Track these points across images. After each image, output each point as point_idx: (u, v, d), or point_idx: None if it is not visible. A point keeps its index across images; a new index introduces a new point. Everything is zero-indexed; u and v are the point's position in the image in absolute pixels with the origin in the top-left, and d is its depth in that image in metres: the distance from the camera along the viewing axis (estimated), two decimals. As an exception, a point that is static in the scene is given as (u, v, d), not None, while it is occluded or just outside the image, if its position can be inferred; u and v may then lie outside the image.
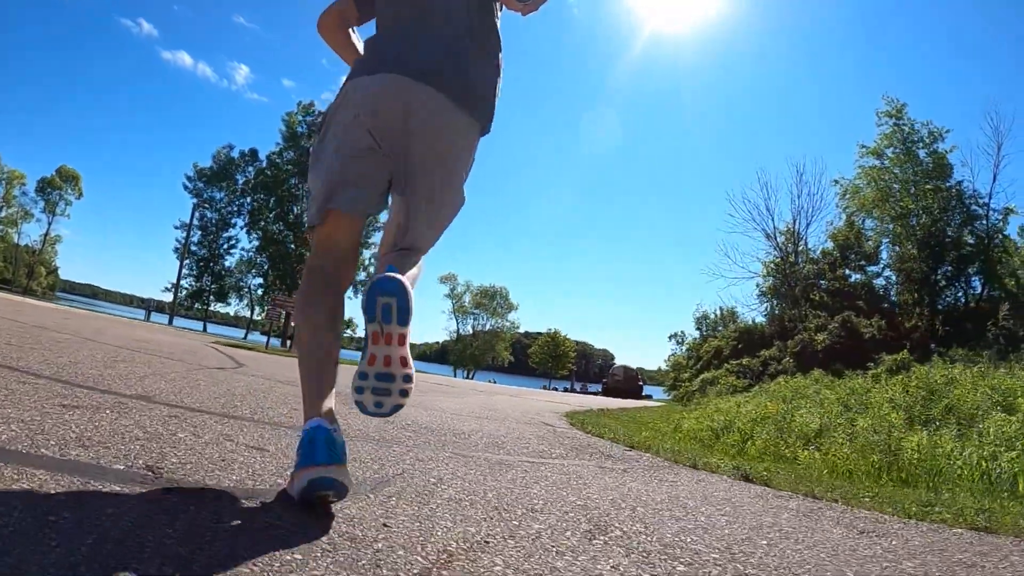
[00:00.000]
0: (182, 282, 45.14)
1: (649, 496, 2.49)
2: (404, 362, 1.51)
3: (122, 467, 1.51)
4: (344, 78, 1.84)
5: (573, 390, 52.29)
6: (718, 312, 32.36)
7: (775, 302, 26.28)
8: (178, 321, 39.30)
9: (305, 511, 1.41)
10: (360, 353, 1.57)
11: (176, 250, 45.79)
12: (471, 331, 71.02)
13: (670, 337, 64.35)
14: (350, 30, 2.02)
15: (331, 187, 1.70)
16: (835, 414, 7.22)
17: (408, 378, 1.52)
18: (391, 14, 1.85)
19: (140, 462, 1.58)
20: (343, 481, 1.45)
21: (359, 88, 1.73)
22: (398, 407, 1.55)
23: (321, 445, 1.43)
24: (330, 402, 1.58)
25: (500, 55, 1.91)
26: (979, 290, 22.03)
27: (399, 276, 1.51)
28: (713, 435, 7.60)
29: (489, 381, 38.32)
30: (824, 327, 19.17)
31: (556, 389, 48.54)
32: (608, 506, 2.13)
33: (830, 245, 25.85)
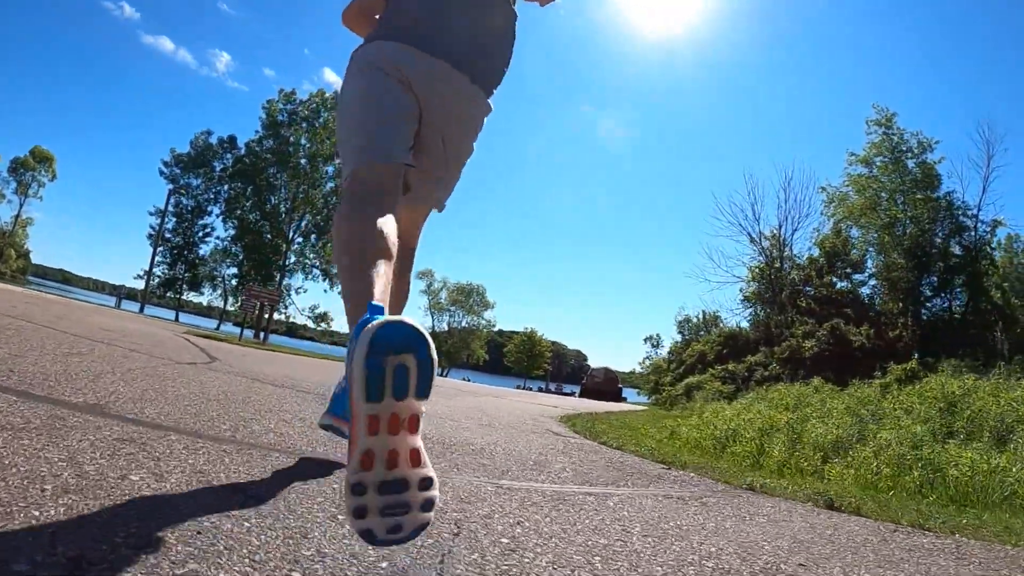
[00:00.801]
0: (155, 270, 44.01)
1: (774, 543, 2.03)
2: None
3: (24, 567, 0.89)
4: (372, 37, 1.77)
5: (548, 390, 51.92)
6: (700, 316, 32.11)
7: (760, 307, 26.10)
8: (150, 310, 38.18)
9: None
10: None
11: (150, 237, 44.53)
12: (447, 328, 70.34)
13: (645, 340, 64.34)
14: (376, 17, 1.93)
15: (381, 134, 1.62)
16: (849, 425, 6.82)
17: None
18: None
19: (59, 550, 0.96)
20: (420, 330, 1.03)
21: (396, 54, 1.67)
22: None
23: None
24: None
25: (515, 27, 1.92)
26: (964, 301, 21.98)
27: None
28: (718, 445, 7.20)
29: (464, 379, 37.82)
30: (812, 334, 18.96)
31: (530, 389, 48.11)
32: (752, 563, 1.64)
33: (816, 252, 25.76)
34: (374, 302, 1.18)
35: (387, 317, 1.03)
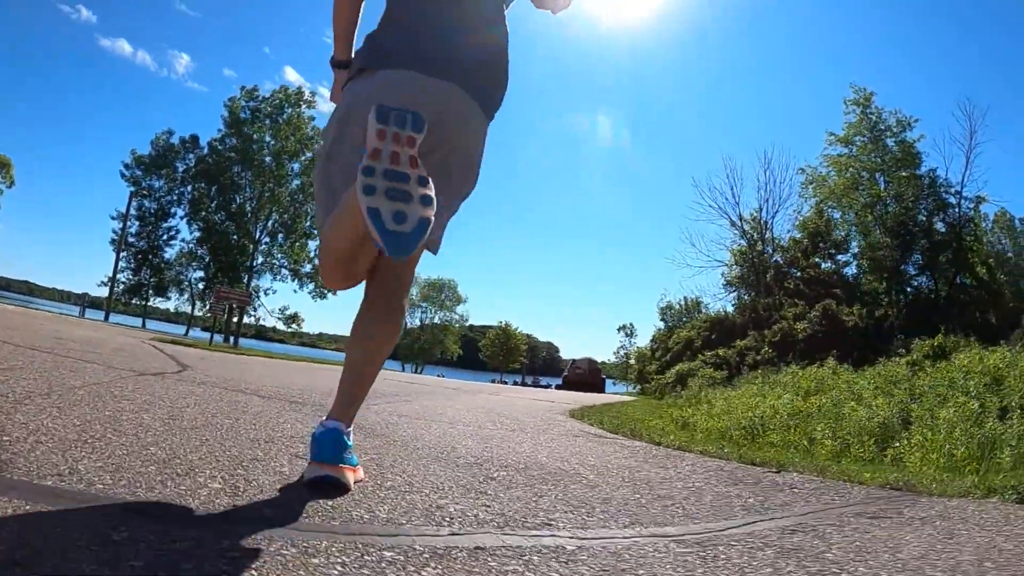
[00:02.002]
0: (120, 276, 42.33)
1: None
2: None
3: None
4: (355, 66, 1.75)
5: (526, 383, 51.18)
6: (683, 302, 31.71)
7: (744, 291, 25.76)
8: (116, 317, 36.69)
9: None
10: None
11: (113, 242, 42.73)
12: (419, 324, 69.21)
13: (619, 329, 64.18)
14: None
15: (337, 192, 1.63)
16: (890, 406, 6.26)
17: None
18: (414, 5, 1.75)
19: None
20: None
21: (387, 88, 1.62)
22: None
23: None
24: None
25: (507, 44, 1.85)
26: (950, 279, 21.82)
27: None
28: (747, 434, 6.60)
29: (438, 375, 36.99)
30: (803, 316, 18.56)
31: (506, 383, 47.29)
32: None
33: (798, 234, 25.45)
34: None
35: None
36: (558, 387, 37.85)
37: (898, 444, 5.22)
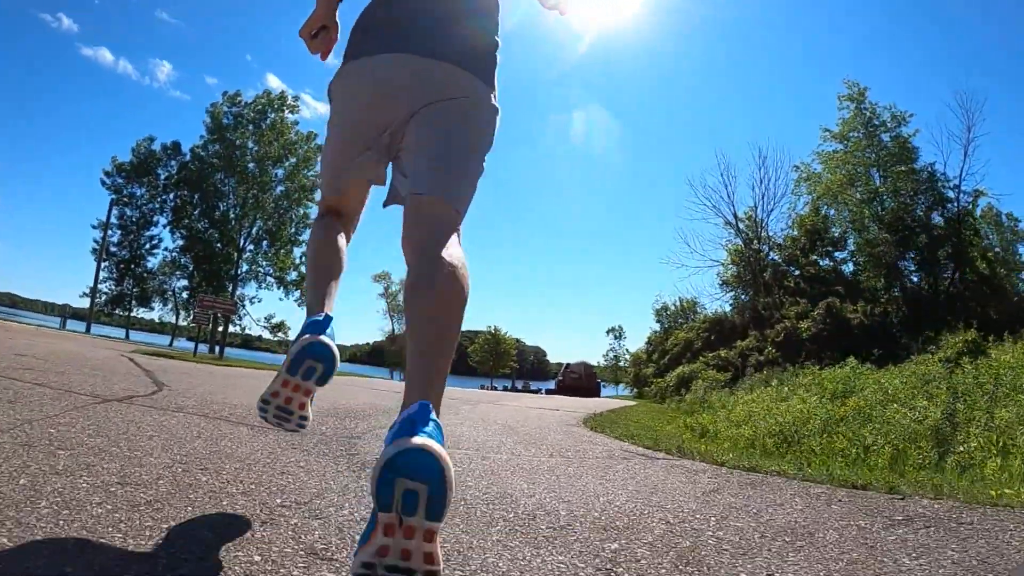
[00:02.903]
0: (102, 286, 41.27)
1: None
2: (431, 560, 1.03)
3: None
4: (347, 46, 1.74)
5: (516, 389, 50.45)
6: (678, 303, 31.21)
7: (741, 290, 25.31)
8: (99, 329, 35.73)
9: None
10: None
11: (94, 252, 41.61)
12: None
13: (608, 332, 63.84)
14: None
15: (345, 164, 1.72)
16: (938, 407, 5.76)
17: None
18: None
19: None
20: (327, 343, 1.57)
21: (371, 68, 1.63)
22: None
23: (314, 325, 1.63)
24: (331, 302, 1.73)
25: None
26: (950, 274, 21.45)
27: (434, 444, 1.04)
28: (783, 442, 6.08)
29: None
30: (806, 314, 18.09)
31: (496, 388, 46.54)
32: None
33: (795, 231, 25.06)
34: (326, 313, 1.67)
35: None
36: (549, 391, 37.25)
37: (961, 449, 4.73)
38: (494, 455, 3.24)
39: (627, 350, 61.83)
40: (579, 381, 37.34)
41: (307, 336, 1.54)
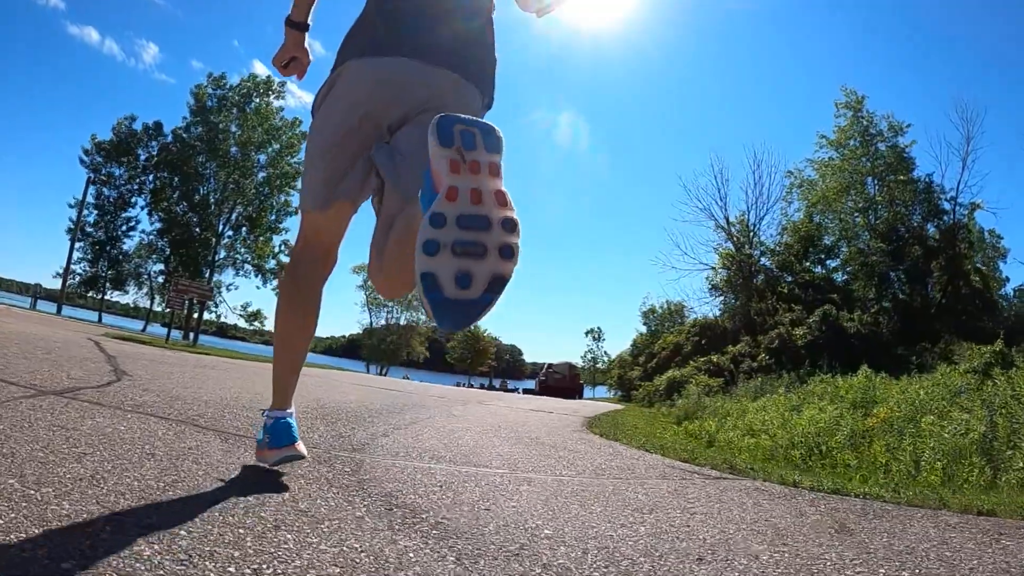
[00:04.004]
0: (76, 267, 39.99)
1: None
2: (503, 200, 0.99)
3: None
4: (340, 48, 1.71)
5: (493, 387, 49.74)
6: (666, 306, 30.77)
7: (731, 295, 24.91)
8: (70, 311, 34.54)
9: None
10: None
11: (70, 231, 40.24)
12: (384, 325, 67.10)
13: (587, 333, 63.62)
14: None
15: (335, 174, 1.63)
16: (977, 421, 5.26)
17: (511, 225, 0.99)
18: None
19: None
20: (303, 452, 1.81)
21: (370, 71, 1.61)
22: (499, 281, 0.97)
23: (287, 432, 1.78)
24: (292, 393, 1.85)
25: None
26: (943, 286, 21.22)
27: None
28: (810, 454, 5.57)
29: (404, 376, 35.48)
30: (801, 322, 17.68)
31: (473, 386, 45.81)
32: None
33: (787, 238, 24.73)
34: (283, 412, 1.83)
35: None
36: (527, 391, 36.74)
37: (1021, 466, 4.23)
38: (535, 475, 2.65)
39: (606, 352, 61.62)
40: (562, 381, 36.73)
41: (283, 449, 1.79)
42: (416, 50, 1.59)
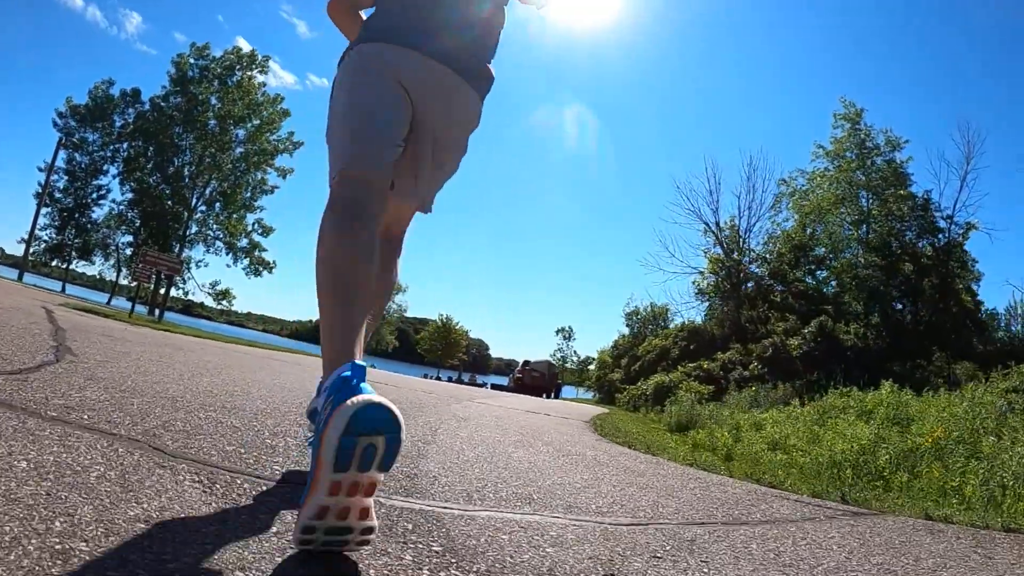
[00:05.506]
0: (41, 233, 38.35)
1: None
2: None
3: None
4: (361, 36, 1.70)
5: (462, 381, 48.92)
6: (649, 308, 30.22)
7: (719, 301, 24.43)
8: (34, 279, 33.00)
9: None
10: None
11: (37, 195, 38.50)
12: (354, 311, 66.03)
13: (557, 332, 63.17)
14: (360, 13, 1.90)
15: (373, 141, 1.55)
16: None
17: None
18: None
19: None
20: (396, 414, 1.03)
21: (391, 56, 1.61)
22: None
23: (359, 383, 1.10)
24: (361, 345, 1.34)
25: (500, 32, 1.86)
26: (935, 303, 20.94)
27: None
28: (859, 474, 4.95)
29: (369, 366, 34.47)
30: (796, 331, 17.21)
31: (441, 379, 44.82)
32: None
33: (779, 246, 24.32)
34: (357, 361, 1.20)
35: (369, 398, 1.00)
36: (495, 387, 36.12)
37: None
38: (664, 525, 1.91)
39: (575, 351, 61.19)
40: (540, 380, 36.12)
41: (353, 401, 1.00)
42: (421, 44, 1.61)
